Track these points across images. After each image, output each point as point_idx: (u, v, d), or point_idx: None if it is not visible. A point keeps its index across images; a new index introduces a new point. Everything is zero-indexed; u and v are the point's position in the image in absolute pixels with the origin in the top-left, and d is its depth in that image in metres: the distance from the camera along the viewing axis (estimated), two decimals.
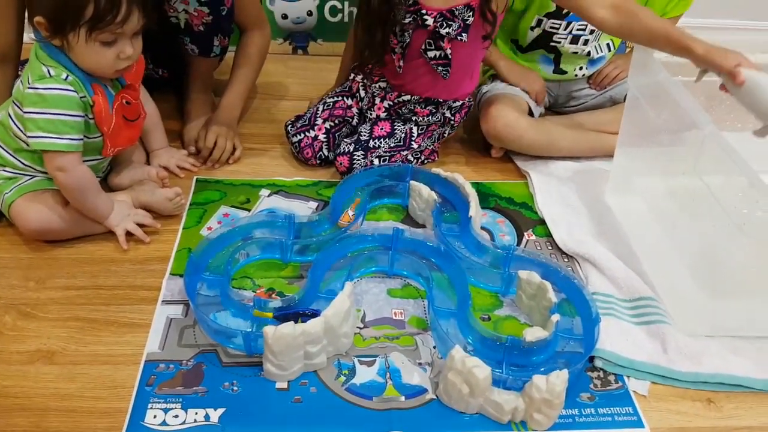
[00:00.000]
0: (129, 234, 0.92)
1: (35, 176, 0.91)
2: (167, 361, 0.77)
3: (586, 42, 1.14)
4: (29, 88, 0.83)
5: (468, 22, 0.99)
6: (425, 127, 1.12)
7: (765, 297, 0.83)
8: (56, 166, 0.86)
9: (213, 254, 0.89)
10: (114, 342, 0.80)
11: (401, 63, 1.05)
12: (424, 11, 0.99)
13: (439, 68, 1.04)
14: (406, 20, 1.00)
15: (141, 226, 0.93)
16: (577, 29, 1.12)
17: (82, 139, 0.86)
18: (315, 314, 0.77)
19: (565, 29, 1.12)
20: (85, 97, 0.85)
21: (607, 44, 1.17)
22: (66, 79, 0.83)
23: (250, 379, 0.76)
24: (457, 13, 0.99)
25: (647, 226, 0.97)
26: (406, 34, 1.01)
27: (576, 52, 1.15)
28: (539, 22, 1.12)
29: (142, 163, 1.03)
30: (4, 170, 0.91)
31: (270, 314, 0.80)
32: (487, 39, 1.02)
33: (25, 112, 0.83)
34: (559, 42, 1.14)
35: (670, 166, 0.94)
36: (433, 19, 0.99)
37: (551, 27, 1.12)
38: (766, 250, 0.76)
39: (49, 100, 0.82)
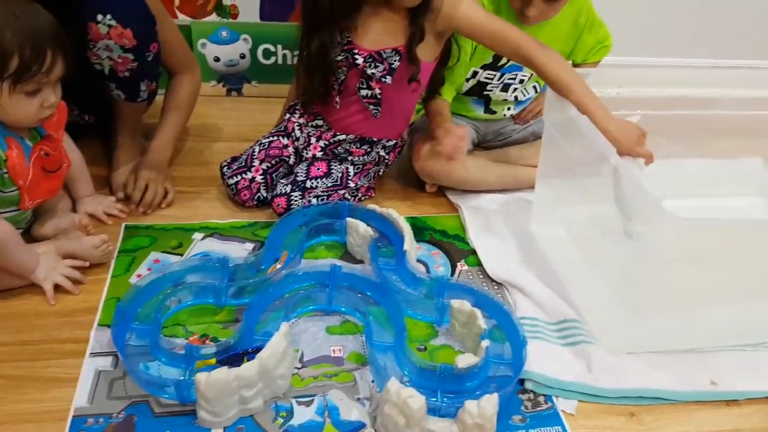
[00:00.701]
0: (57, 286, 0.90)
1: None
2: (96, 415, 0.75)
3: (514, 90, 1.21)
4: None
5: (393, 65, 1.04)
6: (361, 166, 1.15)
7: (674, 313, 0.89)
8: None
9: (142, 302, 0.87)
10: (39, 399, 0.77)
11: (338, 99, 1.09)
12: (356, 50, 1.03)
13: (370, 107, 1.09)
14: (339, 58, 1.04)
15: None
16: (508, 79, 1.19)
17: None
18: (260, 350, 0.77)
19: (498, 80, 1.19)
20: None
21: (534, 86, 1.24)
22: None
23: (184, 428, 0.75)
24: (385, 56, 1.04)
25: (569, 252, 1.03)
26: (341, 71, 1.05)
27: (505, 99, 1.23)
28: (475, 74, 1.18)
29: (67, 211, 1.01)
30: None
31: (212, 361, 0.79)
32: (412, 82, 1.06)
33: None
34: (491, 90, 1.21)
35: (586, 196, 1.00)
36: (363, 59, 1.04)
37: (486, 78, 1.18)
38: (668, 270, 0.82)
39: None
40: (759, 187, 1.27)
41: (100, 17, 0.96)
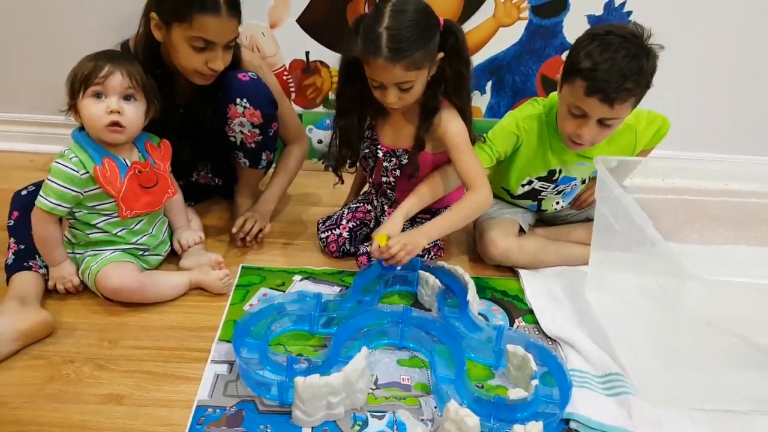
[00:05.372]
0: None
1: (116, 250, 1.15)
2: (214, 406, 0.94)
3: (567, 193, 1.37)
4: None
5: (402, 162, 1.26)
6: None
7: (708, 373, 0.98)
8: (36, 217, 1.09)
9: (254, 324, 1.08)
10: (171, 390, 0.97)
11: (370, 179, 1.33)
12: (379, 145, 1.27)
13: (388, 192, 1.32)
14: (366, 151, 1.28)
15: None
16: (562, 188, 1.34)
17: (66, 208, 1.09)
18: None
19: (552, 189, 1.34)
20: (86, 173, 1.08)
21: (582, 181, 1.37)
22: (72, 159, 1.07)
23: (281, 424, 0.92)
24: (398, 153, 1.26)
25: (618, 315, 1.15)
26: (369, 159, 1.29)
27: (558, 202, 1.38)
28: (530, 182, 1.34)
29: (204, 251, 1.27)
30: (90, 250, 1.15)
31: None
32: (411, 177, 1.24)
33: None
34: (545, 196, 1.37)
35: (632, 265, 1.13)
36: (383, 154, 1.27)
37: (540, 187, 1.34)
38: (695, 330, 0.93)
39: (54, 171, 1.08)
40: None
41: (238, 100, 1.27)
